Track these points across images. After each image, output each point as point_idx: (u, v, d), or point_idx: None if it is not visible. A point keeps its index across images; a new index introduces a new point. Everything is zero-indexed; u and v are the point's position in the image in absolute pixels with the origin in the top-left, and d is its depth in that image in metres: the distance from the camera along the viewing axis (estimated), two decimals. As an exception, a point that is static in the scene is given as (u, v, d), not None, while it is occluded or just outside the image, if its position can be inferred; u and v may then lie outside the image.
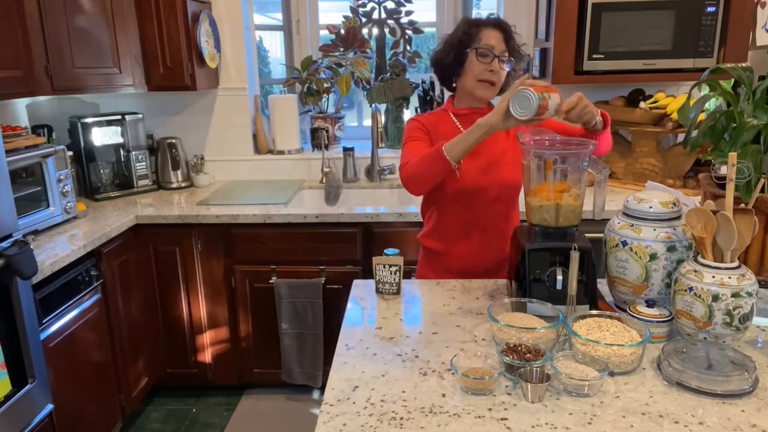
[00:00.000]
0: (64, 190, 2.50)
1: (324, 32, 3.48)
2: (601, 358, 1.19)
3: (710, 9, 2.60)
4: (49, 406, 2.04)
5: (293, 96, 3.32)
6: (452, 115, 1.81)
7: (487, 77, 1.70)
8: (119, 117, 2.99)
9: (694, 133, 1.48)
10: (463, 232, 1.79)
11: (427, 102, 3.29)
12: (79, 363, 2.28)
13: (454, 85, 1.81)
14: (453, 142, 1.57)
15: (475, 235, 1.79)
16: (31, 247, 1.89)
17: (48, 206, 2.42)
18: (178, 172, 3.19)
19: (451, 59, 1.75)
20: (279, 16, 3.50)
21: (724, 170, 1.33)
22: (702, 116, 1.50)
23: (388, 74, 3.30)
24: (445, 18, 3.42)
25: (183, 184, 3.21)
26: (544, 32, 2.93)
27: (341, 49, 3.34)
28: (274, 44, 3.71)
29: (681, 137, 2.78)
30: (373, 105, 3.23)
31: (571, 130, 1.75)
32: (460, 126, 1.78)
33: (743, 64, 1.42)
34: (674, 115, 2.72)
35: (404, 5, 3.36)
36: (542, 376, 1.15)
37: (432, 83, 3.31)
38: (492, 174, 1.75)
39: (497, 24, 1.72)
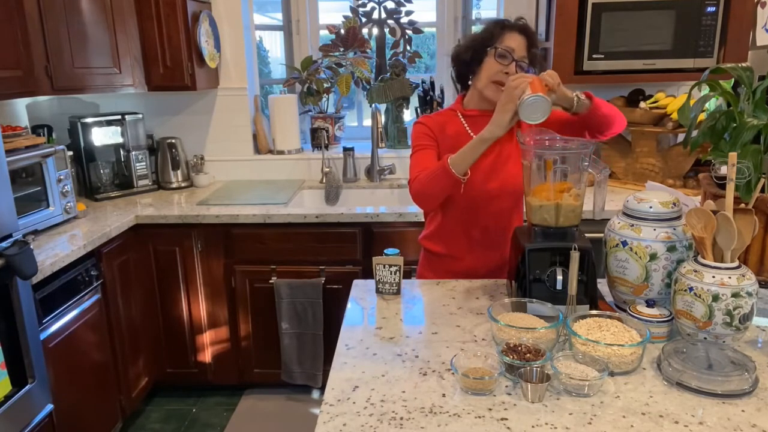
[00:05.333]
0: (64, 190, 2.50)
1: (324, 32, 3.48)
2: (601, 358, 1.19)
3: (710, 9, 2.60)
4: (49, 406, 2.04)
5: (293, 96, 3.32)
6: (461, 116, 1.79)
7: (501, 79, 1.67)
8: (119, 117, 2.99)
9: (694, 133, 1.48)
10: (466, 234, 1.78)
11: (427, 102, 3.29)
12: (79, 363, 2.28)
13: (469, 83, 1.79)
14: (458, 157, 1.59)
15: (477, 236, 1.79)
16: (31, 247, 1.89)
17: (48, 206, 2.42)
18: (178, 172, 3.19)
19: (469, 56, 1.73)
20: (279, 16, 3.50)
21: (724, 170, 1.33)
22: (702, 116, 1.50)
23: (388, 74, 3.30)
24: (445, 18, 3.42)
25: (183, 184, 3.21)
26: (544, 32, 2.93)
27: (341, 49, 3.34)
28: (274, 44, 3.70)
29: (681, 137, 2.79)
30: (373, 105, 3.23)
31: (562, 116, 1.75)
32: (467, 127, 1.76)
33: (743, 64, 1.42)
34: (674, 115, 2.72)
35: (404, 5, 3.36)
36: (542, 376, 1.15)
37: (432, 83, 3.31)
38: (496, 175, 1.74)
39: (523, 29, 1.70)
